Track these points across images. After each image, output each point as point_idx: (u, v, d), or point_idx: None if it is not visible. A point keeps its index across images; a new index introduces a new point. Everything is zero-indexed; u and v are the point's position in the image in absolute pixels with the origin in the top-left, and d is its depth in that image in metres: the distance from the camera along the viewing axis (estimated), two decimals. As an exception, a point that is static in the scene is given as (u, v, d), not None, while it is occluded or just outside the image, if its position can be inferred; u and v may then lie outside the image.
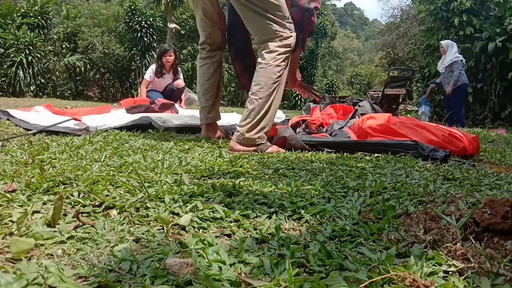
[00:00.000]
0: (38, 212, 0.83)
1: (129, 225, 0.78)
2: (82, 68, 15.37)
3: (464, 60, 6.30)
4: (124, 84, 19.58)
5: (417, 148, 1.85)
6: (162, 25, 16.97)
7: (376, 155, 1.85)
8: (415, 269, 0.59)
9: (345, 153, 1.88)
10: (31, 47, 12.47)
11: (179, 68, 5.28)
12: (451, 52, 6.26)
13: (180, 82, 5.16)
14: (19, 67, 12.21)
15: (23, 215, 0.74)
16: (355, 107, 3.59)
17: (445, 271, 0.61)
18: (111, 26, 18.41)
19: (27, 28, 13.03)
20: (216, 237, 0.75)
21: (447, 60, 6.22)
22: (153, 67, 5.12)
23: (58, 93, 14.04)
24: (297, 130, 2.64)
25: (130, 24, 16.55)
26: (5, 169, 1.16)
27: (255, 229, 0.80)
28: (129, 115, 3.00)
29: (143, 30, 16.42)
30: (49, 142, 1.90)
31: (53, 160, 1.37)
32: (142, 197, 0.94)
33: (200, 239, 0.70)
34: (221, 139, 2.26)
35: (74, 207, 0.88)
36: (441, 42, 6.54)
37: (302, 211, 0.90)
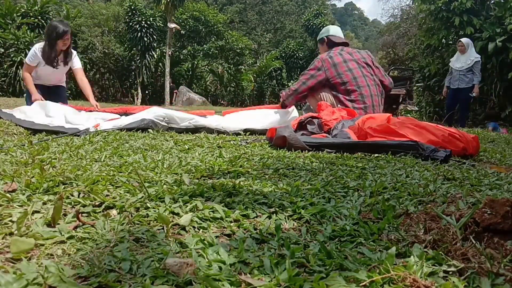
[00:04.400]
0: (38, 212, 0.83)
1: (129, 225, 0.78)
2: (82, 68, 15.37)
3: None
4: (124, 84, 19.59)
5: (418, 148, 1.85)
6: (162, 25, 16.96)
7: (376, 155, 1.85)
8: (415, 269, 0.59)
9: (345, 153, 1.88)
10: (31, 47, 12.47)
11: (72, 50, 4.01)
12: (472, 51, 6.15)
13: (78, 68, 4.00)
14: (19, 67, 12.20)
15: (23, 215, 0.74)
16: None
17: (445, 271, 0.61)
18: (111, 26, 18.40)
19: (27, 28, 13.03)
20: (216, 237, 0.75)
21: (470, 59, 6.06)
22: (38, 48, 3.89)
23: (58, 93, 14.03)
24: (309, 128, 2.51)
25: (130, 24, 16.54)
26: (5, 169, 1.16)
27: (255, 229, 0.80)
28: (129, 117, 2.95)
29: (143, 30, 16.41)
30: (49, 142, 1.90)
31: (53, 160, 1.37)
32: (142, 197, 0.94)
33: (200, 239, 0.70)
34: None
35: (74, 207, 0.88)
36: (461, 39, 6.36)
37: (302, 211, 0.90)
